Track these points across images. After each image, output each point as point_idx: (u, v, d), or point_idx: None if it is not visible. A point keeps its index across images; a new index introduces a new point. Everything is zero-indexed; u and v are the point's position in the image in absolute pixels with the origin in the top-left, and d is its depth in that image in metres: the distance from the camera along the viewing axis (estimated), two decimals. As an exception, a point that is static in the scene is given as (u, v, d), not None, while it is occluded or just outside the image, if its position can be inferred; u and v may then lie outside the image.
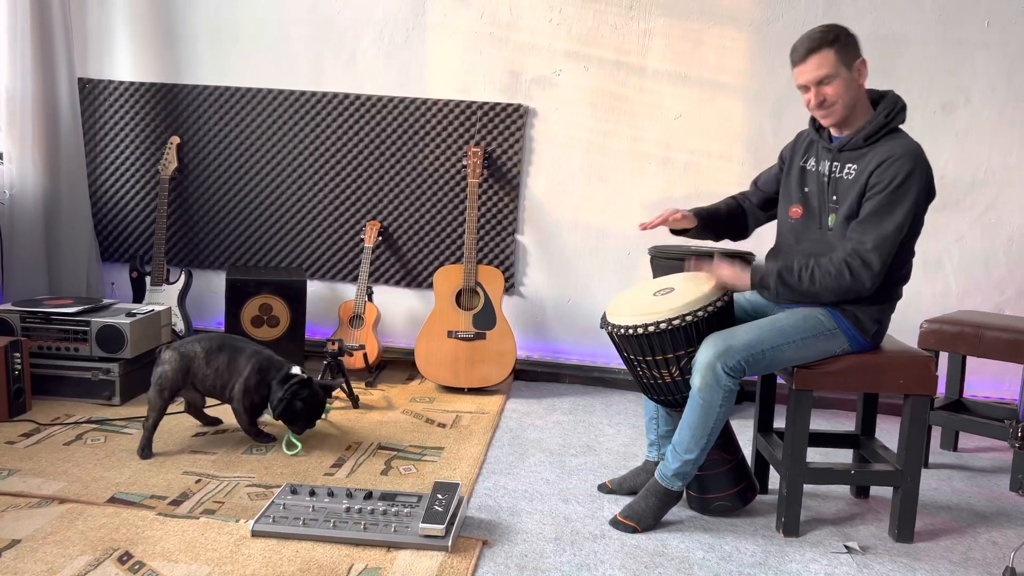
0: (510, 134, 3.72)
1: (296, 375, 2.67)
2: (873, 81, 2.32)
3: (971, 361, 3.17)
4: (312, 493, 2.30)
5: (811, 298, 2.24)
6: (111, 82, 3.90)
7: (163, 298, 3.70)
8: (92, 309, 3.21)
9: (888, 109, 2.23)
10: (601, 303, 3.75)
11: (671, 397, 2.34)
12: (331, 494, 2.31)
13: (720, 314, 2.25)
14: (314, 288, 3.91)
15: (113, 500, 2.30)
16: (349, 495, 2.30)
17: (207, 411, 2.92)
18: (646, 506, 2.31)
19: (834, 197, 2.27)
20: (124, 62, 3.90)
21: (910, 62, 3.46)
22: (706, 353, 2.18)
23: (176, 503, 2.30)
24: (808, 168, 2.36)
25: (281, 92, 3.81)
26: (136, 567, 1.95)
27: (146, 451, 2.64)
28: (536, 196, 3.77)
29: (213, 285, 3.98)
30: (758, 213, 2.55)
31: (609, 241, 3.75)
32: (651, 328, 2.21)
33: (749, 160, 3.60)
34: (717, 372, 2.16)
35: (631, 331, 2.24)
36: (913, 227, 2.23)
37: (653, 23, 3.59)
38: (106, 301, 3.37)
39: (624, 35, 3.62)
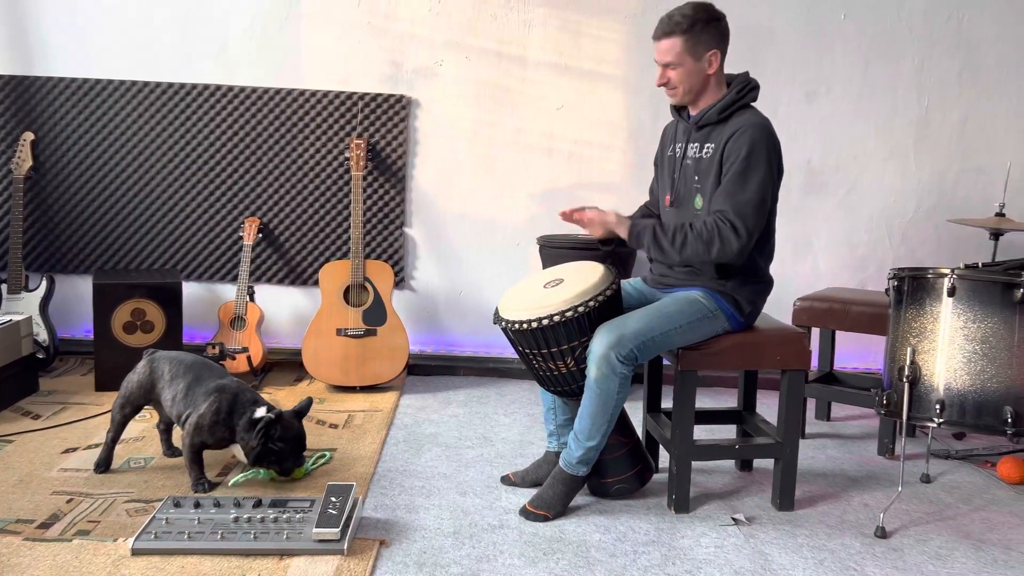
0: (393, 125, 3.65)
1: (260, 418, 2.36)
2: (741, 70, 2.41)
3: (840, 335, 3.36)
4: (197, 505, 2.19)
5: (677, 262, 2.35)
6: (-49, 73, 3.57)
7: (22, 307, 3.43)
8: (-61, 322, 2.95)
9: (740, 86, 2.34)
10: (493, 294, 3.75)
11: (567, 388, 2.37)
12: (218, 504, 2.20)
13: (609, 302, 2.29)
14: (191, 289, 3.72)
15: (-29, 528, 2.12)
16: (237, 504, 2.21)
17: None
18: (554, 493, 2.34)
19: (696, 178, 2.36)
20: (-34, 52, 3.58)
21: (776, 53, 3.62)
22: (599, 344, 2.21)
23: (45, 526, 2.14)
24: (675, 156, 2.46)
25: (147, 84, 3.60)
26: (0, 599, 1.80)
27: (100, 467, 2.49)
28: (423, 188, 3.72)
29: (79, 291, 3.72)
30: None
31: (498, 232, 3.75)
32: (544, 321, 2.23)
33: (631, 149, 3.68)
34: (612, 362, 2.20)
35: (525, 326, 2.25)
36: (771, 203, 2.33)
37: (532, 13, 3.61)
38: (-45, 312, 3.10)
39: (504, 25, 3.62)
